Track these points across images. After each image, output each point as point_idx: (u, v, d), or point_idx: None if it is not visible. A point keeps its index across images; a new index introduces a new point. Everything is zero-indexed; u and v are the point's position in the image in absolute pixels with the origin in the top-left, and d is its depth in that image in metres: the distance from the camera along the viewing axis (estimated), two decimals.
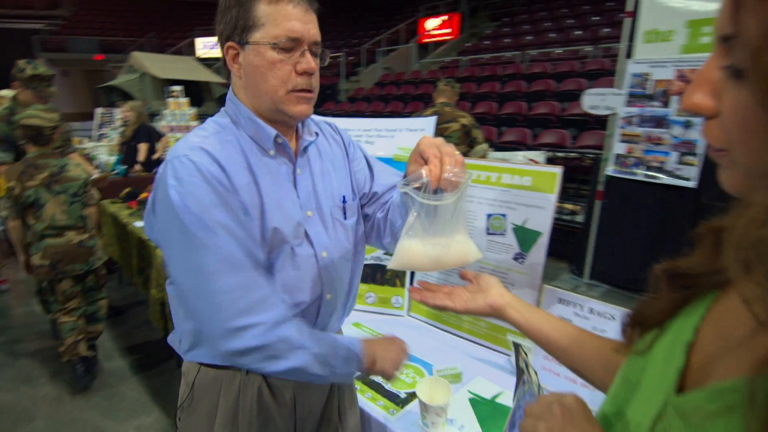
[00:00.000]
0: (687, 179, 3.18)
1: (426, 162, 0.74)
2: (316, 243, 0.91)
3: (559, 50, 8.28)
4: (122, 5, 18.53)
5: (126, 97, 9.09)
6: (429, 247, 0.76)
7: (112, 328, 3.21)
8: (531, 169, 1.43)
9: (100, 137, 6.52)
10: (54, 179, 2.37)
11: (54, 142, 2.43)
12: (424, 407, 1.06)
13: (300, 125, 0.96)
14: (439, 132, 3.55)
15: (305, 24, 0.83)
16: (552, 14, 10.43)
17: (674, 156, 3.23)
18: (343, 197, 0.99)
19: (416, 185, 0.71)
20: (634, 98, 3.39)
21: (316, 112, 0.96)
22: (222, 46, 0.87)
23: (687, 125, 3.16)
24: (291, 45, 0.82)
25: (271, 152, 0.89)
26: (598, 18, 9.02)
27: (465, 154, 3.60)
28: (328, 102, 10.67)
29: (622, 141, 3.49)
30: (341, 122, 1.88)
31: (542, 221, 1.39)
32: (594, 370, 0.67)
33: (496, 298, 0.78)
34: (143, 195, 3.47)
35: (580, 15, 9.65)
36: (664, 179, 3.28)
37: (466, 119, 3.60)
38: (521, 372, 0.60)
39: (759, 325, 0.37)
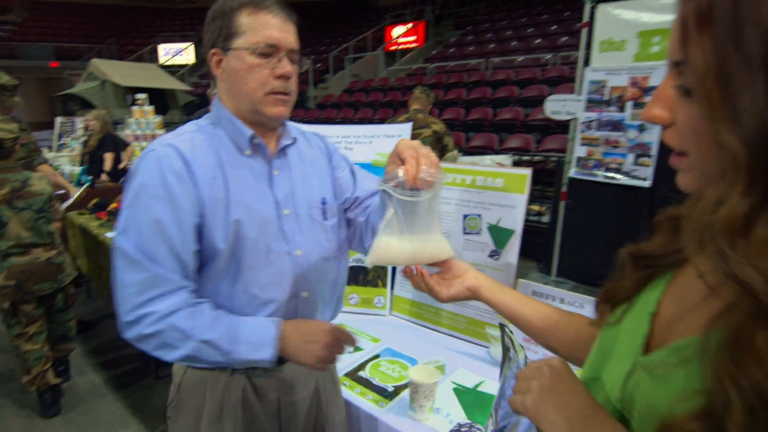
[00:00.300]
0: (643, 179, 3.39)
1: (403, 162, 0.78)
2: (291, 241, 0.96)
3: (520, 58, 8.60)
4: (78, 11, 17.88)
5: (85, 105, 8.80)
6: (405, 242, 0.80)
7: (84, 342, 3.12)
8: (503, 172, 1.53)
9: (61, 147, 6.28)
10: (16, 195, 2.24)
11: (15, 154, 2.33)
12: (414, 389, 1.13)
13: (281, 129, 1.01)
14: (412, 138, 3.62)
15: (283, 32, 0.91)
16: (513, 23, 10.81)
17: (630, 158, 3.45)
18: (323, 199, 1.04)
19: (393, 183, 0.75)
20: (592, 104, 3.60)
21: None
22: (207, 53, 0.94)
23: (641, 129, 3.38)
24: (269, 51, 0.89)
25: (247, 152, 0.95)
26: (556, 27, 9.42)
27: None
28: (297, 109, 10.64)
29: (583, 144, 3.69)
30: (320, 130, 1.94)
31: (514, 220, 1.49)
32: (552, 339, 0.77)
33: (472, 280, 0.84)
34: (112, 205, 3.39)
35: (539, 24, 10.05)
36: (622, 180, 3.49)
37: (438, 126, 3.71)
38: (506, 350, 0.67)
39: (710, 292, 0.46)
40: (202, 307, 0.88)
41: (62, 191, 3.40)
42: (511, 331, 0.68)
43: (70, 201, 3.52)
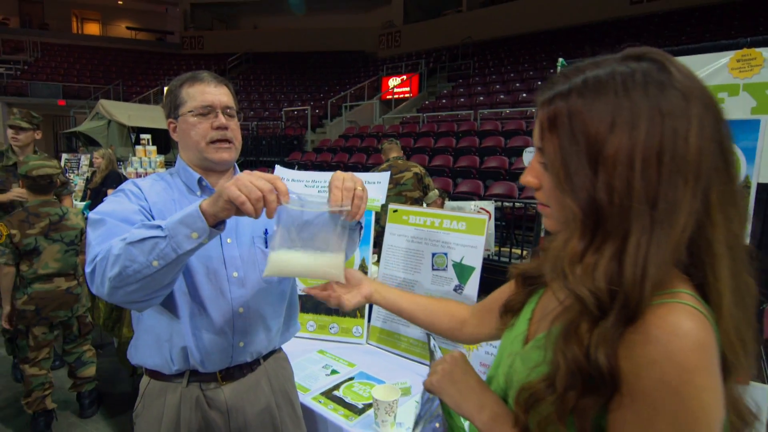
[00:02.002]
0: None
1: (330, 190, 0.92)
2: (228, 264, 1.13)
3: (507, 110, 9.11)
4: (88, 53, 18.69)
5: (90, 142, 9.14)
6: (297, 255, 0.87)
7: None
8: (465, 216, 1.76)
9: None
10: (53, 227, 2.44)
11: (56, 188, 2.55)
12: (377, 405, 1.30)
13: (232, 174, 1.23)
14: (396, 180, 4.03)
15: (216, 95, 1.14)
16: (501, 77, 11.47)
17: None
18: (266, 230, 1.22)
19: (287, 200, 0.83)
20: None
21: (282, 163, 1.22)
22: (167, 124, 1.21)
23: None
24: (206, 111, 1.12)
25: (198, 193, 1.16)
26: (540, 82, 10.01)
27: (419, 200, 4.02)
28: (295, 152, 11.04)
29: None
30: (309, 176, 2.18)
31: (475, 258, 1.70)
32: (431, 325, 0.98)
33: (367, 288, 1.02)
34: None
35: (525, 79, 10.69)
36: None
37: (418, 168, 4.11)
38: (432, 353, 0.86)
39: (559, 304, 0.67)
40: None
41: None
42: (434, 338, 0.88)
43: None
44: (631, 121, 0.54)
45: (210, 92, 1.14)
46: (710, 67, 2.97)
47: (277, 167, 2.18)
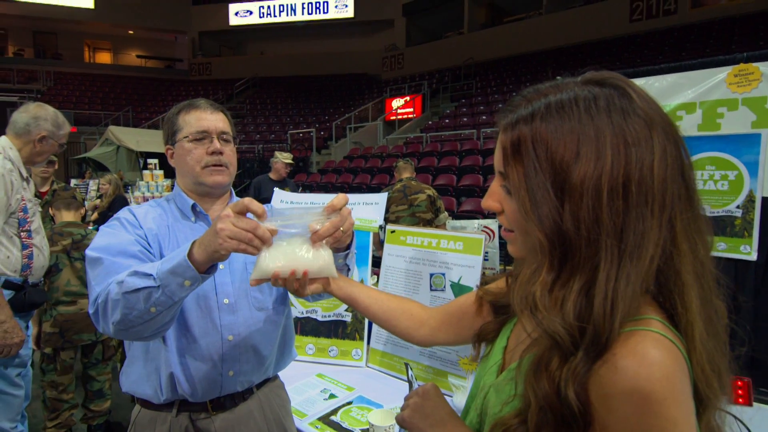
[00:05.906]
0: None
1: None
2: (219, 290, 1.12)
3: None
4: (99, 81, 19.16)
5: (99, 168, 9.30)
6: (283, 248, 0.83)
7: None
8: (462, 236, 1.75)
9: None
10: (75, 246, 2.47)
11: (84, 211, 2.63)
12: (373, 431, 1.27)
13: (229, 200, 1.24)
14: (410, 201, 4.01)
15: (211, 121, 1.16)
16: (504, 96, 11.57)
17: None
18: None
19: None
20: None
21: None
22: (165, 151, 1.23)
23: None
24: (201, 136, 1.14)
25: (192, 219, 1.17)
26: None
27: (430, 221, 4.00)
28: (300, 173, 11.13)
29: None
30: (306, 197, 2.20)
31: (473, 278, 1.69)
32: (389, 324, 0.93)
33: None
34: None
35: None
36: None
37: (431, 191, 4.12)
38: (410, 383, 0.85)
39: (528, 335, 0.65)
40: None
41: None
42: (411, 369, 0.87)
43: None
44: (596, 149, 0.53)
45: (206, 118, 1.17)
46: (708, 82, 2.97)
47: (276, 190, 2.21)
